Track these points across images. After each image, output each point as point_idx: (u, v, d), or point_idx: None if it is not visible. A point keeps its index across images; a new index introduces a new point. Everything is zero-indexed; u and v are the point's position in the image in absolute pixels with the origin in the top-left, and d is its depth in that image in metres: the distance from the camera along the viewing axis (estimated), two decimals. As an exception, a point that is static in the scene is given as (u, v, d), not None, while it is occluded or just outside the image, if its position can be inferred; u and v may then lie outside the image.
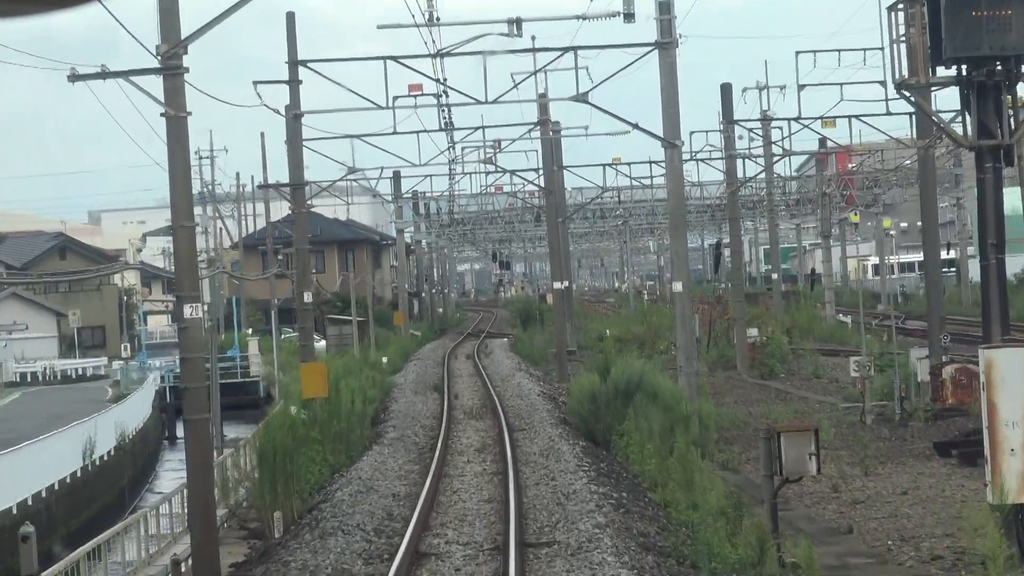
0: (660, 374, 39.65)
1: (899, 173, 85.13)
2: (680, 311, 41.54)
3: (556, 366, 62.91)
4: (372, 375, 50.27)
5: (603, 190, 74.34)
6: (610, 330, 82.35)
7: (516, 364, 67.06)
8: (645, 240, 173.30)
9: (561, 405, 46.25)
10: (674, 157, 41.39)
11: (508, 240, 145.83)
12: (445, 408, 45.23)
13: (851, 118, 60.19)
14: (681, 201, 42.02)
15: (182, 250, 23.77)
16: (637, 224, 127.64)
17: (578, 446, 34.56)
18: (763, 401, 48.17)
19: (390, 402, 48.95)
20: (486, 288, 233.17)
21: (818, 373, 54.92)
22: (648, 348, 70.92)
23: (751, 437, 40.02)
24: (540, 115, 58.62)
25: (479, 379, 58.76)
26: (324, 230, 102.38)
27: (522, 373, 59.33)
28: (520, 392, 49.71)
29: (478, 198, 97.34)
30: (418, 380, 59.02)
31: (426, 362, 72.28)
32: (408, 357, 78.16)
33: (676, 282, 41.80)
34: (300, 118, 41.96)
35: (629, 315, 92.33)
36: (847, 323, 73.15)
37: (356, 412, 37.70)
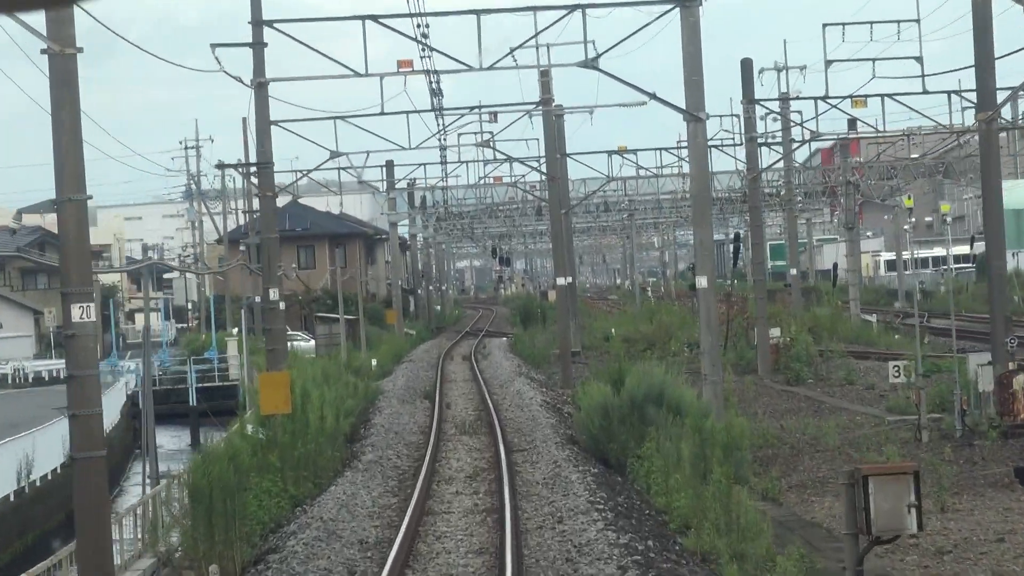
0: (683, 384, 33.40)
1: (916, 164, 78.98)
2: (705, 311, 35.40)
3: (560, 369, 56.81)
4: (354, 382, 44.07)
5: (609, 179, 68.16)
6: (616, 329, 76.25)
7: (516, 367, 60.92)
8: (649, 236, 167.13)
9: (566, 417, 40.11)
10: (697, 132, 35.27)
11: (508, 235, 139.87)
12: (435, 421, 39.10)
13: (883, 97, 54.14)
14: (706, 183, 35.87)
15: (69, 232, 17.63)
16: (641, 219, 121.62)
17: (589, 473, 28.40)
18: (794, 412, 42.00)
19: (373, 413, 42.78)
20: (487, 285, 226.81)
21: (851, 379, 48.75)
22: (659, 349, 64.79)
23: (788, 457, 33.91)
24: (542, 93, 52.46)
25: (475, 384, 52.66)
26: (314, 223, 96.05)
27: (522, 378, 53.18)
28: (520, 401, 43.56)
29: (476, 190, 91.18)
30: (408, 386, 52.86)
31: (419, 365, 66.11)
32: (400, 359, 72.03)
33: (700, 277, 35.66)
34: (265, 87, 35.81)
35: (636, 313, 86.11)
36: (871, 322, 66.98)
37: (327, 430, 31.53)
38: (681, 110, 35.28)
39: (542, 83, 52.51)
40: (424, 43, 35.38)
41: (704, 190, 35.64)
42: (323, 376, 41.69)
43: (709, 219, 35.99)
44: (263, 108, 35.51)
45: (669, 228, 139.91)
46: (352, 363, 65.93)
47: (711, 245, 36.00)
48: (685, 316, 76.30)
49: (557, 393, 49.25)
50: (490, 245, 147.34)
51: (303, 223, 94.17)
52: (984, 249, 41.35)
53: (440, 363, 65.43)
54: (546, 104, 52.45)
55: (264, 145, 35.56)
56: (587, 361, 64.04)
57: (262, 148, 35.55)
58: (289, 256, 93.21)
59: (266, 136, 35.63)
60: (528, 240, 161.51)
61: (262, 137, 35.49)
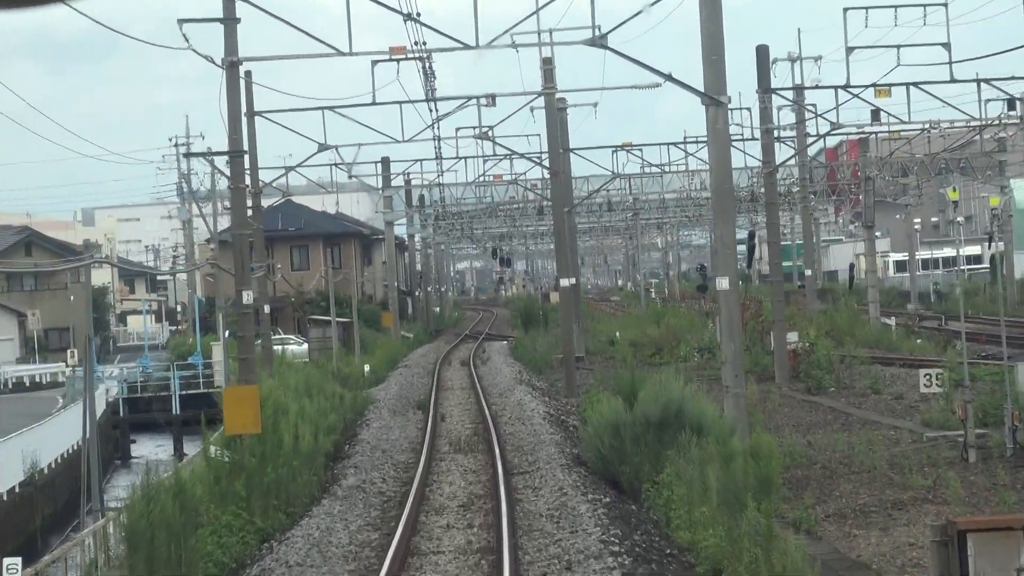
0: (704, 398, 29.54)
1: (934, 160, 75.18)
2: (727, 316, 31.60)
3: (563, 376, 53.04)
4: (339, 393, 40.23)
5: (614, 175, 64.37)
6: (621, 333, 72.48)
7: (516, 373, 57.13)
8: (652, 237, 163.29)
9: (571, 432, 36.31)
10: (718, 118, 31.48)
11: (509, 236, 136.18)
12: (428, 435, 35.29)
13: (908, 86, 50.38)
14: (728, 175, 32.06)
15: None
16: (645, 219, 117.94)
17: (600, 504, 24.55)
18: (819, 425, 38.13)
19: (361, 426, 38.95)
20: (487, 286, 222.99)
21: (877, 387, 44.86)
22: (667, 354, 61.03)
23: (821, 479, 30.06)
24: (544, 82, 48.67)
25: (472, 393, 48.88)
26: (308, 222, 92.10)
27: (523, 386, 49.36)
28: (521, 412, 39.73)
29: (475, 188, 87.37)
30: (401, 395, 49.06)
31: (414, 370, 62.29)
32: (396, 364, 68.24)
33: (722, 278, 31.86)
34: (238, 66, 31.95)
35: (641, 316, 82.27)
36: (890, 325, 63.14)
37: (303, 451, 27.71)
38: (699, 93, 31.50)
39: (544, 71, 48.73)
40: (415, 19, 31.58)
41: (726, 182, 31.85)
42: (305, 386, 37.93)
43: (732, 214, 32.19)
44: (235, 91, 31.68)
45: (673, 228, 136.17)
46: (344, 369, 62.26)
47: (733, 243, 32.18)
48: (693, 319, 72.56)
49: (560, 403, 45.46)
50: (490, 246, 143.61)
51: (296, 222, 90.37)
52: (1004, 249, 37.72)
53: (437, 369, 61.66)
54: (548, 93, 48.67)
55: (236, 132, 31.72)
56: (591, 367, 60.25)
57: (234, 135, 31.71)
58: (282, 256, 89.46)
59: (239, 121, 31.80)
60: (529, 241, 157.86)
61: (234, 122, 31.64)
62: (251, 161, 50.63)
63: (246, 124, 49.26)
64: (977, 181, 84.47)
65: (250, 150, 50.15)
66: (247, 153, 31.91)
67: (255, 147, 50.35)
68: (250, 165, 50.83)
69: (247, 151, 31.90)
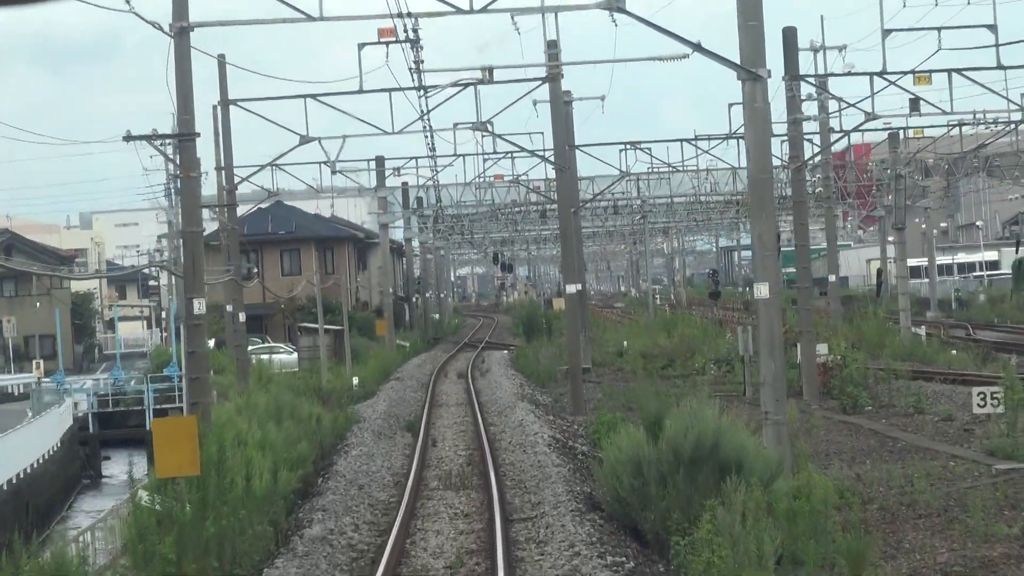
0: (743, 429, 24.19)
1: (967, 157, 69.85)
2: (767, 329, 26.38)
3: (569, 391, 47.81)
4: (316, 414, 34.91)
5: (623, 173, 59.11)
6: (629, 342, 67.23)
7: (517, 387, 51.87)
8: (657, 242, 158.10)
9: (581, 461, 31.05)
10: (756, 94, 26.27)
11: (511, 241, 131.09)
12: (415, 466, 30.03)
13: (950, 72, 45.14)
14: (767, 161, 26.81)
15: None
16: (651, 223, 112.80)
17: (621, 570, 19.25)
18: (864, 453, 32.79)
19: (339, 453, 33.64)
20: (489, 292, 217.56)
21: (921, 407, 39.55)
22: (680, 365, 55.79)
23: (880, 523, 24.78)
24: (548, 68, 43.45)
25: (469, 411, 43.63)
26: (300, 225, 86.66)
27: (525, 403, 44.05)
28: (523, 437, 34.42)
29: (475, 190, 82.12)
30: (390, 412, 43.78)
31: (407, 383, 57.01)
32: (388, 375, 62.95)
33: (760, 284, 26.63)
34: (188, 33, 26.69)
35: (649, 324, 76.93)
36: (920, 335, 57.80)
37: (257, 494, 22.44)
38: (734, 65, 26.28)
39: (549, 54, 43.51)
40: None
41: (765, 170, 26.60)
42: (276, 408, 32.67)
43: (771, 208, 26.92)
44: (184, 61, 26.42)
45: (680, 233, 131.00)
46: (332, 381, 57.04)
47: (774, 242, 26.93)
48: (707, 328, 67.27)
49: (567, 423, 40.18)
50: (491, 251, 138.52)
51: (287, 225, 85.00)
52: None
53: (432, 382, 56.41)
54: (554, 78, 43.44)
55: (188, 111, 26.43)
56: (599, 380, 55.01)
57: (185, 115, 26.43)
58: (272, 260, 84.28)
59: (190, 98, 26.51)
60: (531, 246, 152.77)
61: (185, 100, 26.35)
62: (225, 155, 45.45)
63: (220, 114, 44.13)
64: (1006, 181, 79.02)
65: (224, 142, 44.96)
66: (198, 136, 26.58)
67: (229, 139, 45.17)
68: (224, 160, 45.64)
69: (199, 134, 26.57)
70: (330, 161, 45.25)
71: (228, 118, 43.75)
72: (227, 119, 43.80)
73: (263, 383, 48.09)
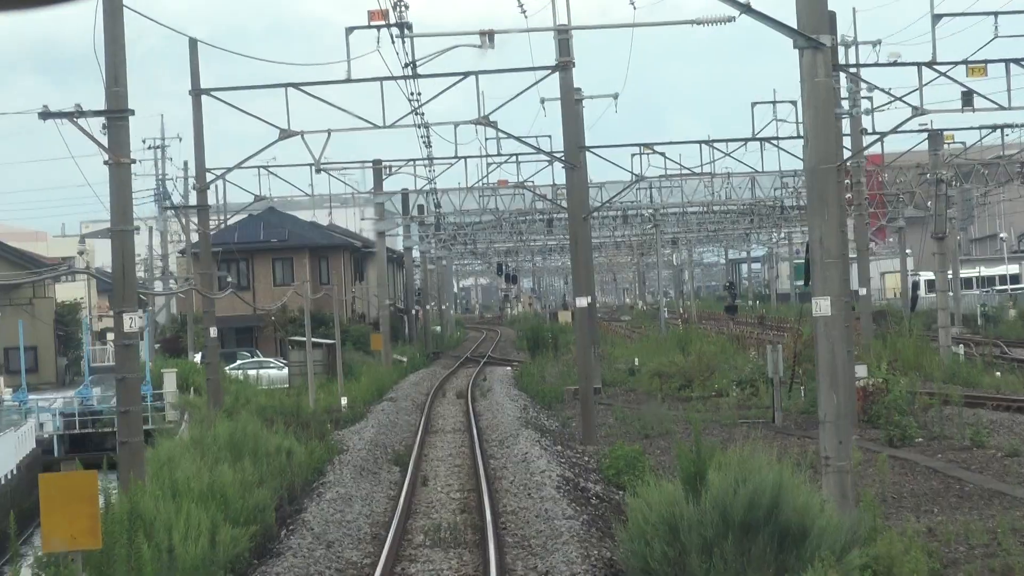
0: (805, 486, 18.89)
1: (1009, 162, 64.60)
2: (826, 354, 21.30)
3: (579, 417, 42.66)
4: (286, 448, 29.67)
5: (638, 177, 53.92)
6: (640, 359, 62.06)
7: (521, 410, 46.65)
8: (666, 253, 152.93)
9: (595, 507, 25.83)
10: (817, 65, 21.18)
11: (516, 251, 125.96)
12: (399, 513, 24.82)
13: (1008, 63, 39.98)
14: (831, 148, 21.62)
15: None
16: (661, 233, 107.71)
17: None
18: (928, 498, 27.54)
19: (313, 494, 28.37)
20: (493, 304, 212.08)
21: (980, 438, 34.31)
22: (699, 386, 50.57)
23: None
24: (559, 55, 38.30)
25: (467, 438, 38.45)
26: (293, 233, 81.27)
27: (530, 430, 38.80)
28: (527, 476, 29.18)
29: (479, 198, 76.95)
30: (377, 440, 38.51)
31: (401, 405, 51.75)
32: (383, 393, 57.73)
33: (820, 298, 21.48)
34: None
35: (662, 340, 71.70)
36: (959, 355, 52.52)
37: (185, 568, 17.21)
38: (791, 31, 21.14)
39: (559, 41, 38.35)
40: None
41: (828, 158, 21.43)
42: (240, 439, 27.47)
43: (836, 203, 21.76)
44: (115, 22, 21.20)
45: (690, 244, 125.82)
46: (322, 401, 51.97)
47: (840, 247, 21.77)
48: (725, 344, 62.04)
49: (577, 456, 34.97)
50: (496, 261, 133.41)
51: (279, 233, 79.68)
52: None
53: (428, 402, 51.20)
54: (564, 67, 38.27)
55: (119, 82, 21.24)
56: (610, 402, 49.82)
57: (116, 87, 21.24)
58: (264, 269, 79.08)
59: (121, 63, 21.26)
60: (536, 257, 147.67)
61: (114, 69, 21.15)
62: (197, 152, 40.30)
63: (192, 105, 39.04)
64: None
65: (196, 136, 39.84)
66: (131, 113, 21.41)
67: (201, 132, 40.00)
68: (196, 157, 40.51)
69: (133, 111, 21.37)
70: (315, 160, 39.95)
71: (200, 109, 38.58)
72: (199, 111, 38.63)
73: (239, 405, 43.03)
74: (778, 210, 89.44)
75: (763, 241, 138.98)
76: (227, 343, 79.63)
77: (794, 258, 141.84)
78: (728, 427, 39.92)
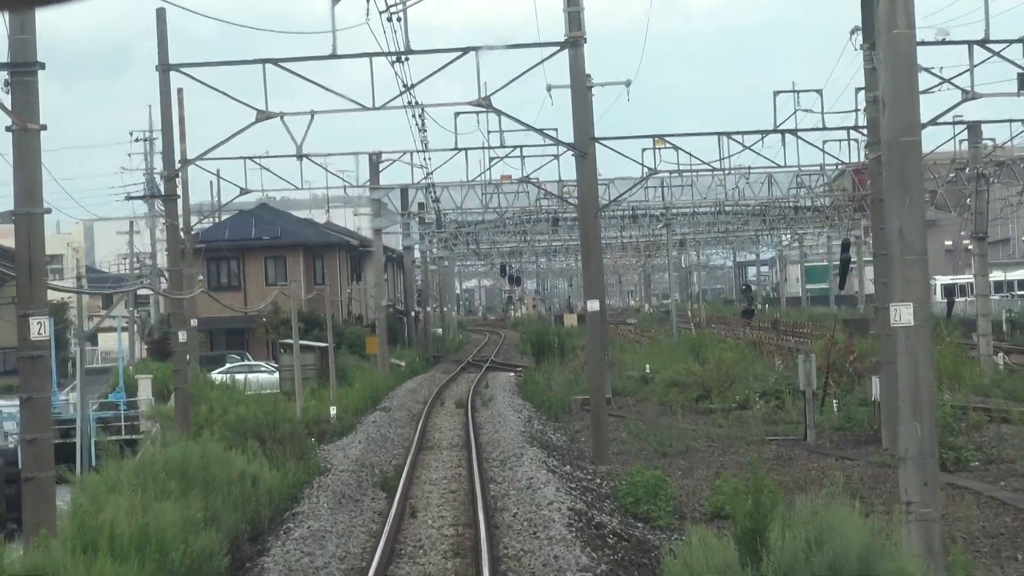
0: (898, 550, 14.49)
1: None
2: (910, 371, 17.19)
3: (589, 430, 38.43)
4: (252, 473, 25.26)
5: (651, 171, 49.62)
6: (652, 365, 57.73)
7: (525, 422, 42.33)
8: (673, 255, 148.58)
9: (613, 548, 21.49)
10: (896, 13, 17.01)
11: (519, 252, 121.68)
12: (377, 558, 20.50)
13: (1071, 41, 35.62)
14: (912, 116, 17.29)
15: None
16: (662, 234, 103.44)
17: None
18: (1005, 537, 23.20)
19: (281, 529, 24.00)
20: (497, 306, 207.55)
21: (1046, 463, 29.95)
22: (718, 397, 46.20)
23: None
24: (569, 29, 34.00)
25: (464, 457, 34.13)
26: (286, 230, 76.72)
27: (535, 448, 34.42)
28: (534, 509, 24.78)
29: (481, 195, 72.67)
30: (364, 459, 34.15)
31: (396, 415, 47.40)
32: (377, 402, 53.44)
33: (901, 304, 17.17)
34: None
35: (673, 345, 67.35)
36: (998, 364, 48.14)
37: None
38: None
39: (569, 14, 34.06)
40: None
41: (910, 128, 17.11)
42: (197, 466, 23.14)
43: (918, 186, 17.44)
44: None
45: (699, 245, 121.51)
46: (310, 410, 47.74)
47: (921, 241, 17.43)
48: (743, 350, 57.61)
49: (588, 477, 30.66)
50: (499, 262, 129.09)
51: (272, 230, 75.17)
52: None
53: (425, 412, 46.87)
54: (575, 43, 33.95)
55: (25, 30, 16.95)
56: (622, 414, 45.44)
57: (21, 35, 16.95)
58: (255, 268, 74.72)
59: (30, 23, 16.95)
60: (541, 258, 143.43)
61: (21, 22, 16.82)
62: (165, 135, 35.99)
63: (159, 82, 34.67)
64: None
65: (164, 118, 35.53)
66: (41, 67, 17.10)
67: (169, 113, 35.66)
68: (164, 142, 36.19)
69: (43, 65, 17.06)
70: (297, 146, 35.58)
71: (168, 86, 34.26)
72: (167, 88, 34.29)
73: (215, 416, 38.73)
74: (791, 211, 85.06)
75: (772, 244, 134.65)
76: (216, 345, 75.32)
77: (804, 261, 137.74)
78: (756, 445, 35.60)
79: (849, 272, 48.07)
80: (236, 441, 29.14)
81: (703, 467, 33.28)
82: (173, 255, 34.60)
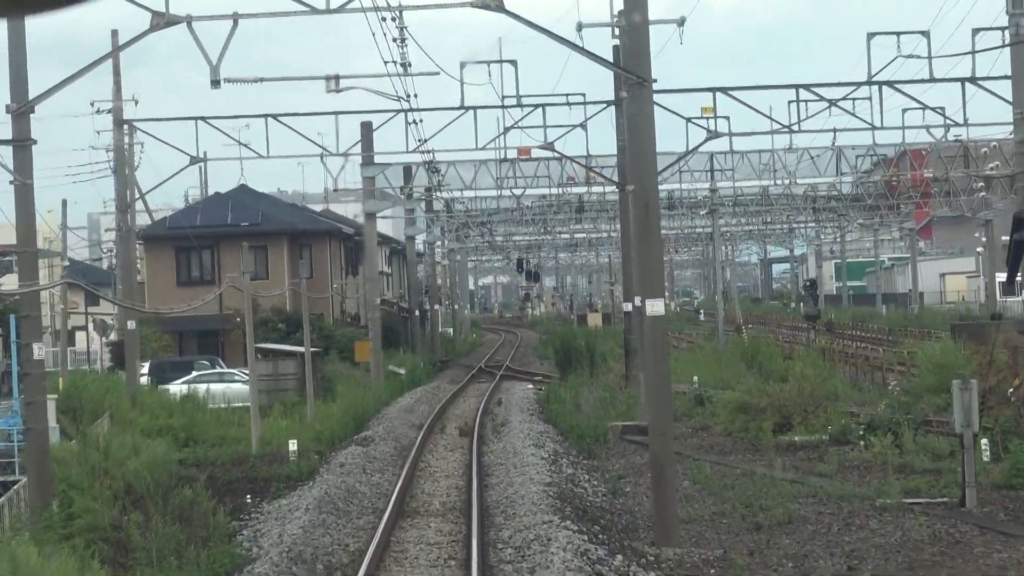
0: None
1: None
2: None
3: (637, 474, 26.41)
4: None
5: (712, 133, 37.47)
6: (700, 377, 45.69)
7: (551, 462, 30.14)
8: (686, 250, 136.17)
9: None
10: None
11: (538, 246, 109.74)
12: None
13: None
14: None
15: None
16: (703, 226, 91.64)
17: None
18: None
19: None
20: (513, 303, 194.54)
21: None
22: (801, 427, 33.91)
23: None
24: None
25: (463, 531, 21.96)
26: (268, 216, 64.12)
27: (568, 528, 22.00)
28: None
29: (496, 176, 60.78)
30: (308, 539, 21.81)
31: (377, 449, 34.98)
32: (362, 424, 41.41)
33: None
34: None
35: (722, 353, 55.18)
36: None
37: None
38: None
39: None
40: None
41: None
42: None
43: None
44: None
45: (734, 239, 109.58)
46: (272, 442, 36.02)
47: None
48: (816, 361, 45.12)
49: (650, 562, 18.49)
50: (515, 257, 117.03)
51: (252, 215, 62.71)
52: None
53: (416, 446, 34.69)
54: None
55: None
56: (678, 450, 33.02)
57: None
58: (232, 259, 62.37)
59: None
60: (561, 253, 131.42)
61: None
62: (11, 49, 23.73)
63: None
64: None
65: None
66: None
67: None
68: (10, 62, 23.99)
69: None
70: (211, 67, 23.41)
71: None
72: None
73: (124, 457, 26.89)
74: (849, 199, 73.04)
75: (805, 238, 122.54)
76: (187, 349, 63.37)
77: (833, 258, 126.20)
78: (893, 513, 23.46)
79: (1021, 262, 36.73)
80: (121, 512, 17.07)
81: (822, 551, 21.40)
82: (24, 231, 22.11)
